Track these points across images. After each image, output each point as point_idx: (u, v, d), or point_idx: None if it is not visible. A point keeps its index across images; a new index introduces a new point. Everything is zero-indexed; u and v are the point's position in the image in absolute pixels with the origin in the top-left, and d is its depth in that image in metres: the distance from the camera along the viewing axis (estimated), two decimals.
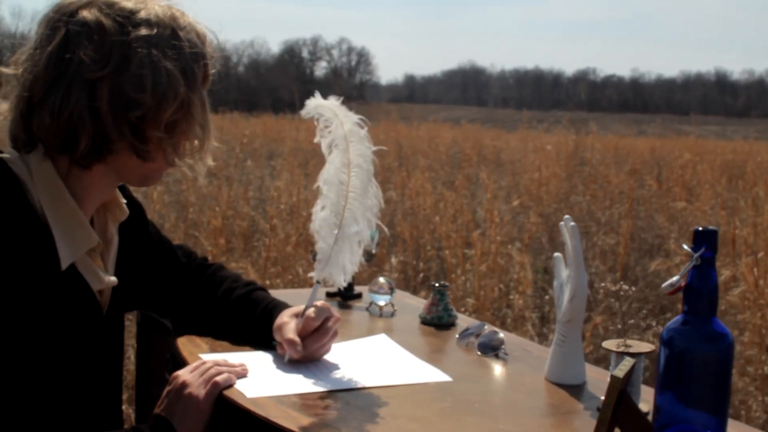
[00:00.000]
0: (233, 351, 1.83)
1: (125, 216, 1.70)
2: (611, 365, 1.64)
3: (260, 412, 1.50)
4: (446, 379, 1.74)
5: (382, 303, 2.29)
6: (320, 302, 1.82)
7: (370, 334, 2.07)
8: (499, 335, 1.95)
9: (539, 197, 9.15)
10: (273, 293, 2.01)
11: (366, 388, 1.67)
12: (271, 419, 1.47)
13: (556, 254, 1.79)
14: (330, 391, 1.64)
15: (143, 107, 1.47)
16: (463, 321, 2.22)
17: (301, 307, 1.82)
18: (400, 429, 1.47)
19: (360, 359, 1.86)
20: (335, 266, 1.78)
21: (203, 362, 1.67)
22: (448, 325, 2.18)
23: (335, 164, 1.80)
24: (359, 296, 2.46)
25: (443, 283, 2.23)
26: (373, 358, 1.88)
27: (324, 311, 1.80)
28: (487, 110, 67.42)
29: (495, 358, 1.90)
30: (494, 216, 5.88)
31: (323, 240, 1.78)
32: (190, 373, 1.63)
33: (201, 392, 1.59)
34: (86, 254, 1.55)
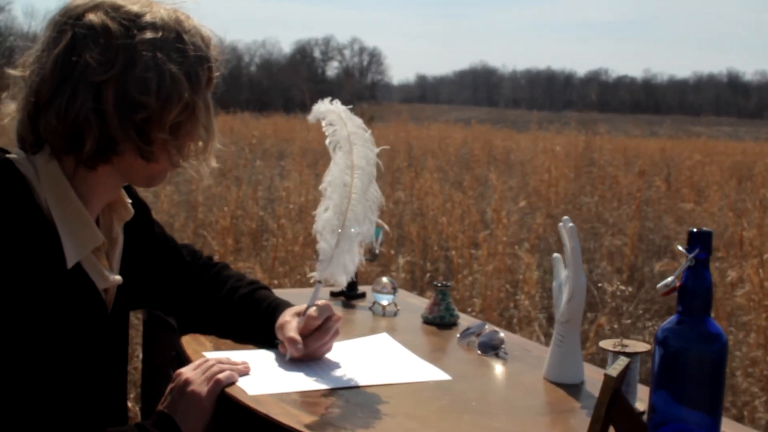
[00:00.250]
0: (236, 349, 1.85)
1: (130, 216, 1.72)
2: (608, 365, 1.65)
3: (261, 410, 1.52)
4: (446, 378, 1.76)
5: (385, 302, 2.31)
6: (322, 301, 1.83)
7: (373, 333, 2.08)
8: (500, 335, 1.96)
9: (548, 198, 9.15)
10: (278, 292, 2.03)
11: (366, 387, 1.68)
12: (272, 416, 1.49)
13: (555, 255, 1.81)
14: (330, 389, 1.66)
15: (148, 109, 1.49)
16: (465, 320, 2.24)
17: (303, 306, 1.83)
18: (398, 426, 1.49)
19: (361, 358, 1.87)
20: (337, 266, 1.80)
21: (206, 360, 1.69)
22: (450, 325, 2.20)
23: (339, 166, 1.82)
24: (363, 296, 2.47)
25: (445, 283, 2.25)
26: (374, 357, 1.89)
27: (325, 310, 1.81)
28: (499, 111, 67.31)
29: (495, 358, 1.92)
30: (501, 217, 5.89)
31: (325, 241, 1.80)
32: (193, 371, 1.64)
33: (203, 389, 1.60)
34: (92, 253, 1.57)
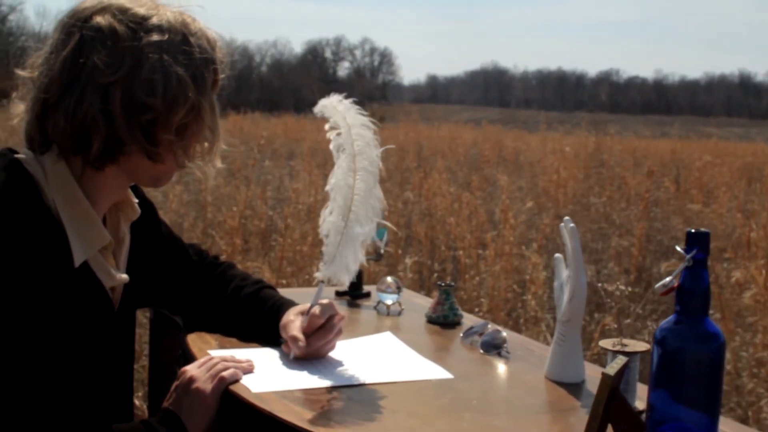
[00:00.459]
0: (241, 347, 1.87)
1: (137, 215, 1.74)
2: (607, 364, 1.66)
3: (264, 407, 1.54)
4: (448, 377, 1.77)
5: (390, 302, 2.32)
6: (325, 300, 1.85)
7: (377, 332, 2.10)
8: (502, 334, 1.98)
9: (556, 199, 9.15)
10: (284, 292, 2.04)
11: (368, 384, 1.70)
12: (275, 413, 1.51)
13: (557, 255, 1.82)
14: (333, 387, 1.67)
15: (154, 111, 1.51)
16: (469, 320, 2.25)
17: (307, 305, 1.85)
18: (399, 424, 1.51)
19: (364, 356, 1.89)
20: (340, 266, 1.81)
21: (210, 358, 1.71)
22: (454, 324, 2.21)
23: (342, 168, 1.83)
24: (368, 295, 2.49)
25: (449, 283, 2.26)
26: (377, 356, 1.91)
27: (329, 309, 1.83)
28: (510, 111, 67.25)
29: (497, 357, 1.93)
30: (509, 217, 5.90)
31: (328, 241, 1.82)
32: (198, 369, 1.66)
33: (208, 387, 1.62)
34: (99, 252, 1.59)
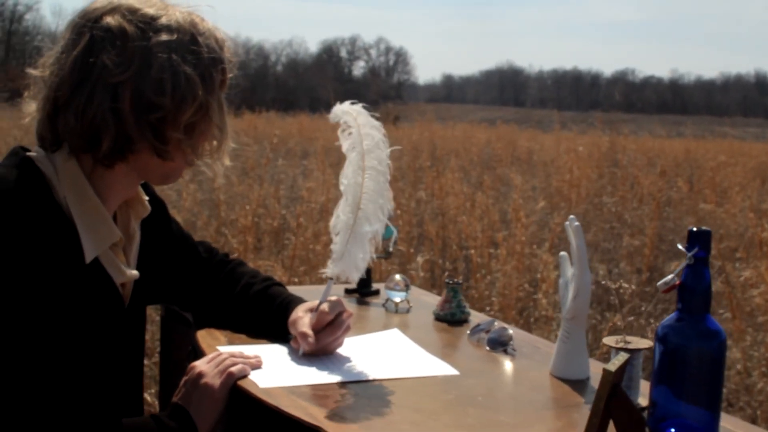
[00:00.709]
0: (250, 344, 1.89)
1: (147, 212, 1.76)
2: (610, 361, 1.67)
3: (272, 402, 1.56)
4: (454, 373, 1.79)
5: (398, 299, 2.34)
6: (334, 297, 1.87)
7: (385, 329, 2.12)
8: (508, 331, 1.99)
9: (569, 198, 9.14)
10: (294, 289, 2.07)
11: (375, 380, 1.72)
12: (282, 408, 1.53)
13: (562, 253, 1.84)
14: (340, 383, 1.69)
15: (163, 110, 1.53)
16: (476, 317, 2.27)
17: (316, 302, 1.87)
18: (405, 418, 1.53)
19: (371, 353, 1.91)
20: (348, 263, 1.84)
21: (219, 353, 1.73)
22: (461, 322, 2.23)
23: (353, 167, 1.86)
24: (376, 293, 2.51)
25: (456, 281, 2.28)
26: (384, 352, 1.93)
27: (337, 306, 1.85)
28: (525, 111, 67.06)
29: (503, 354, 1.95)
30: (521, 216, 5.90)
31: (338, 239, 1.84)
32: (207, 364, 1.68)
33: (216, 382, 1.65)
34: (109, 249, 1.62)
